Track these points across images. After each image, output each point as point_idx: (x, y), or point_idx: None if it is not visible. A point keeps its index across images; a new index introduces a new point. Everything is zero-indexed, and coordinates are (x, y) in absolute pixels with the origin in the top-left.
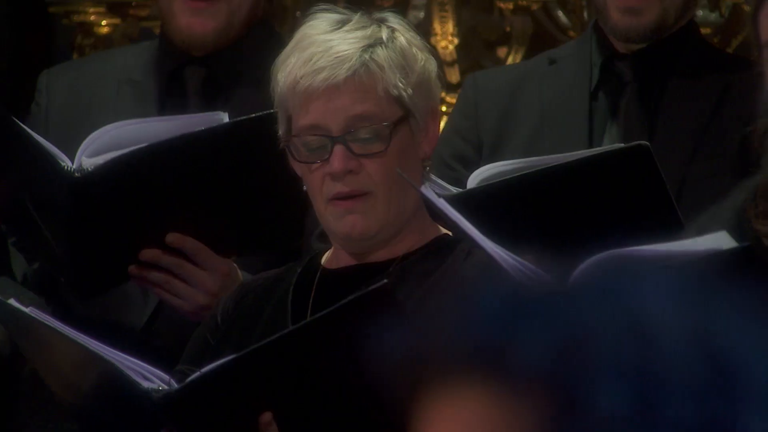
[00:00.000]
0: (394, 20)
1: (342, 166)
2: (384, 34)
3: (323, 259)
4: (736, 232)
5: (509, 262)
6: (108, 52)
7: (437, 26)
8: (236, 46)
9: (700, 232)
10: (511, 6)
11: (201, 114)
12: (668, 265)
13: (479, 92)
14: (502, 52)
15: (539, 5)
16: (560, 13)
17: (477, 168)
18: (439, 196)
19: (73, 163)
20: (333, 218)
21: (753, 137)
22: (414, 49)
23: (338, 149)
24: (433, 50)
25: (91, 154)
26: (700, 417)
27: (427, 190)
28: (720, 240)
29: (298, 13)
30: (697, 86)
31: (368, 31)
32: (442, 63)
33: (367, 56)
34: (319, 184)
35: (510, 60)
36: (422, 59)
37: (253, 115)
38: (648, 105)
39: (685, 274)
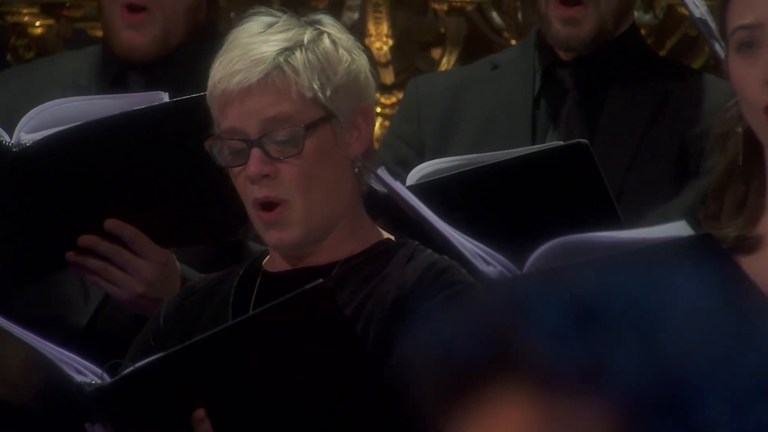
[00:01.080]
0: (326, 21)
1: (257, 170)
2: (307, 36)
3: (264, 262)
4: None
5: (467, 246)
6: (55, 57)
7: (372, 27)
8: (179, 51)
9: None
10: (445, 7)
11: (142, 93)
12: (630, 249)
13: (421, 97)
14: (436, 53)
15: (473, 6)
16: (495, 15)
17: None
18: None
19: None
20: (259, 228)
21: (701, 138)
22: (340, 51)
23: (255, 153)
24: (366, 51)
25: (30, 129)
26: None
27: (384, 173)
28: (679, 229)
29: (232, 14)
30: (636, 93)
31: (290, 34)
32: (376, 64)
33: (281, 59)
34: (242, 188)
35: (444, 61)
36: (348, 60)
37: (195, 95)
38: (588, 112)
39: (646, 256)
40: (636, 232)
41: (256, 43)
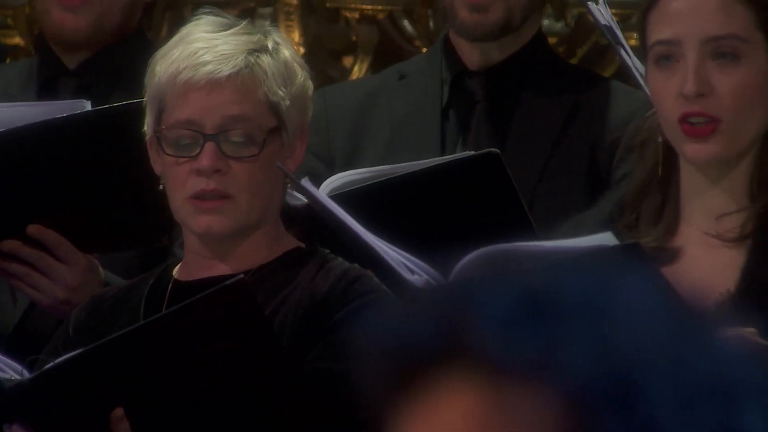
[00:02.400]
0: (277, 35)
1: (210, 164)
2: (270, 43)
3: (175, 271)
4: None
5: (392, 255)
6: None
7: (283, 35)
8: (109, 55)
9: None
10: (356, 15)
11: (64, 101)
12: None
13: (329, 108)
14: (348, 61)
15: (385, 15)
16: (406, 23)
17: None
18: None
19: None
20: (188, 215)
21: (617, 146)
22: (295, 65)
23: (209, 146)
24: (311, 72)
25: None
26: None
27: (308, 183)
28: (605, 240)
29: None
30: (546, 103)
31: (254, 38)
32: None
33: (252, 59)
34: (184, 179)
35: (356, 69)
36: (302, 76)
37: (117, 104)
38: (498, 123)
39: (578, 262)
40: (562, 242)
41: (220, 40)
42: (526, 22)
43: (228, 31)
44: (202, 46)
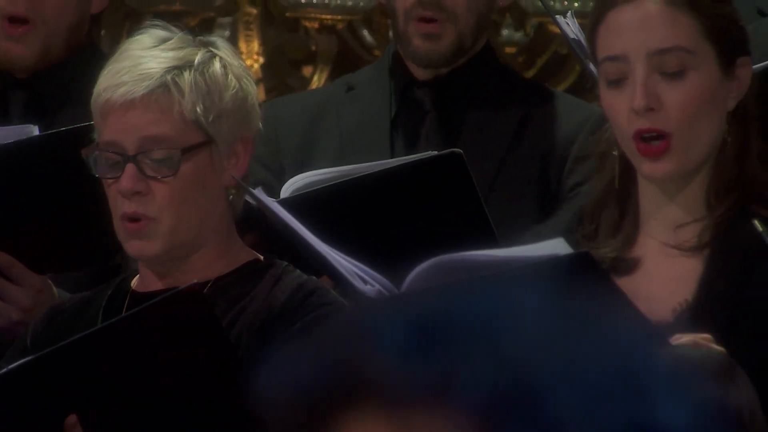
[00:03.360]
0: (220, 44)
1: (130, 186)
2: (198, 57)
3: (133, 282)
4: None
5: (344, 266)
6: None
7: (243, 45)
8: (60, 68)
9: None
10: (316, 25)
11: (11, 126)
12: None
13: (278, 119)
14: (307, 70)
15: (344, 24)
16: (365, 33)
17: (277, 194)
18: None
19: None
20: (123, 239)
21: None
22: (229, 77)
23: (130, 168)
24: (259, 81)
25: None
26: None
27: (261, 193)
28: (557, 246)
29: (103, 32)
30: (496, 115)
31: (182, 53)
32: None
33: (168, 77)
34: (113, 200)
35: (315, 79)
36: (235, 87)
37: (64, 128)
38: (448, 133)
39: (522, 276)
40: (514, 250)
41: (146, 58)
42: (478, 40)
43: (159, 47)
44: (126, 65)
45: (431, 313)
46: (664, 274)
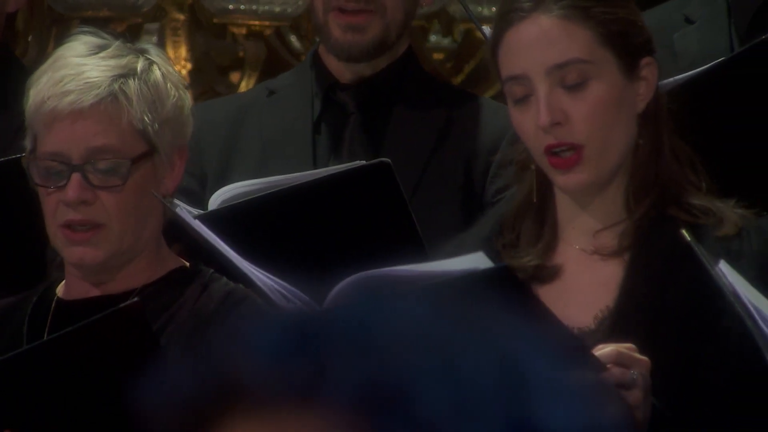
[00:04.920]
0: (154, 53)
1: (76, 196)
2: (140, 65)
3: (58, 289)
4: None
5: (267, 284)
6: None
7: (170, 51)
8: None
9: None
10: (244, 31)
11: None
12: (425, 284)
13: (199, 125)
14: (235, 77)
15: (272, 30)
16: (293, 38)
17: (201, 201)
18: (195, 217)
19: None
20: (62, 246)
21: (495, 167)
22: (168, 85)
23: (75, 178)
24: (188, 87)
25: None
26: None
27: (184, 212)
28: (477, 260)
29: (30, 38)
30: (420, 118)
31: (123, 61)
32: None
33: (116, 86)
34: (54, 208)
35: (243, 85)
36: (175, 96)
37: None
38: (372, 135)
39: (439, 293)
40: (435, 264)
41: (88, 66)
42: (401, 38)
43: (98, 55)
44: (68, 73)
45: (301, 315)
46: (585, 280)
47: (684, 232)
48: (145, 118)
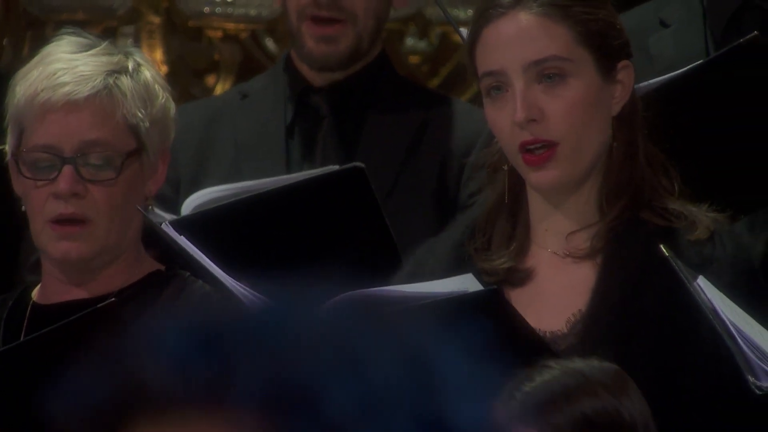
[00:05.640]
0: (139, 56)
1: (68, 187)
2: (130, 64)
3: (34, 293)
4: (454, 266)
5: (242, 293)
6: None
7: (146, 54)
8: None
9: (419, 265)
10: (219, 34)
11: None
12: (411, 306)
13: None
14: (210, 80)
15: (248, 33)
16: (269, 42)
17: (175, 206)
18: (169, 223)
19: None
20: (48, 240)
21: (469, 170)
22: (157, 86)
23: (67, 170)
24: (172, 92)
25: None
26: None
27: (168, 228)
28: (466, 282)
29: (5, 41)
30: (394, 121)
31: (115, 59)
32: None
33: (111, 80)
34: (42, 202)
35: (219, 88)
36: (163, 97)
37: None
38: (345, 139)
39: (424, 317)
40: (423, 285)
41: (80, 61)
42: (374, 44)
43: (88, 52)
44: (62, 67)
45: (208, 320)
46: (557, 283)
47: (662, 247)
48: (138, 113)
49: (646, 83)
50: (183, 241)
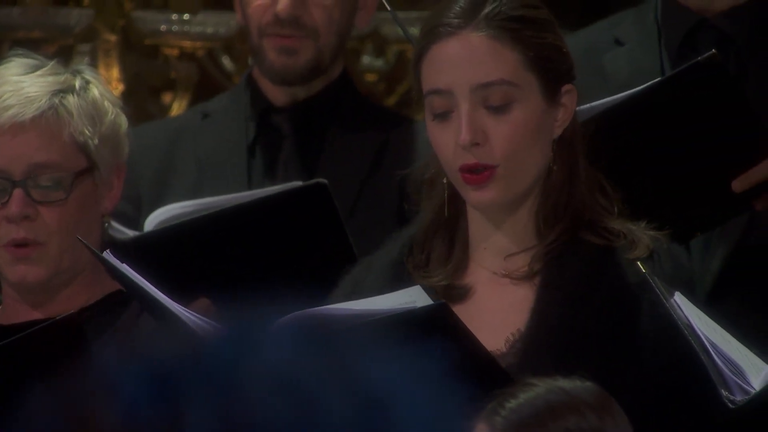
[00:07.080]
0: (89, 73)
1: (18, 210)
2: (77, 83)
3: None
4: (393, 284)
5: (196, 323)
6: None
7: (102, 72)
8: None
9: (356, 284)
10: (176, 52)
11: None
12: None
13: (134, 148)
14: (167, 97)
15: (204, 51)
16: (226, 60)
17: (136, 224)
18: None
19: None
20: (5, 263)
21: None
22: (106, 103)
23: (17, 193)
24: (124, 108)
25: None
26: None
27: (110, 256)
28: (414, 295)
29: None
30: (355, 140)
31: (61, 78)
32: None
33: (56, 100)
34: None
35: (175, 106)
36: (113, 113)
37: None
38: (307, 159)
39: (370, 335)
40: (371, 301)
41: (26, 82)
42: (335, 61)
43: (35, 73)
44: (8, 90)
45: (160, 356)
46: (495, 302)
47: (640, 264)
48: (86, 131)
49: (586, 106)
50: (126, 269)
